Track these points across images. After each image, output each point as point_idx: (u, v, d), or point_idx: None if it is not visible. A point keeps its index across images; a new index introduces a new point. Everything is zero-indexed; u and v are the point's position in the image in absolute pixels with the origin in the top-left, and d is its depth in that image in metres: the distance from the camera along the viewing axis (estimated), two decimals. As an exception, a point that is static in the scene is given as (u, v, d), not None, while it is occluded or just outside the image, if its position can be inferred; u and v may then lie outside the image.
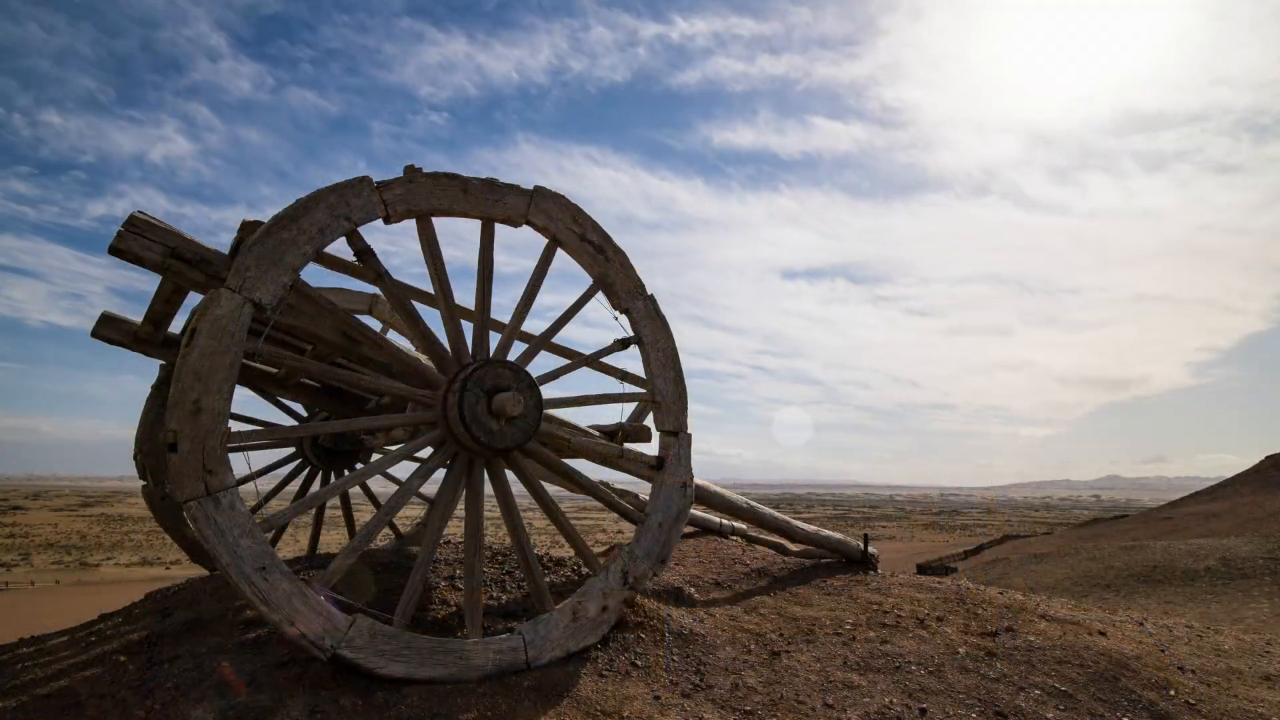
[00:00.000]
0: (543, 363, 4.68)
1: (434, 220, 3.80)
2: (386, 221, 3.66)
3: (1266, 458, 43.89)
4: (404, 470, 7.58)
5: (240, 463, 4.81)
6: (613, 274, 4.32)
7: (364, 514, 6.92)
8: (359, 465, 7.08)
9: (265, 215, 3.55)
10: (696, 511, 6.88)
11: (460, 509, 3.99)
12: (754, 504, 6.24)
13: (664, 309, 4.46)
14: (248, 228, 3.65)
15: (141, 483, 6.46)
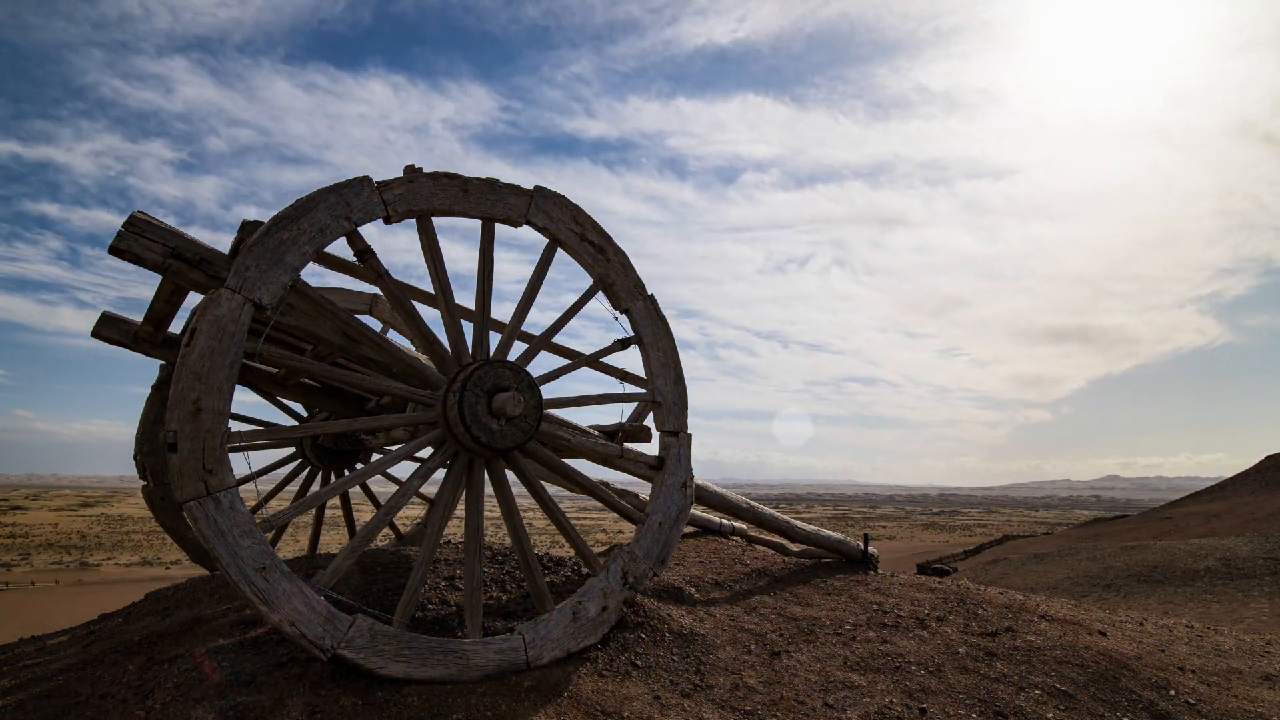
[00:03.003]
0: (543, 363, 4.68)
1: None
2: (387, 221, 3.66)
3: (1266, 458, 43.88)
4: (404, 470, 7.58)
5: (240, 463, 4.81)
6: (613, 274, 4.32)
7: (364, 514, 6.92)
8: (359, 465, 7.09)
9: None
10: (696, 511, 6.89)
11: (460, 509, 3.99)
12: (754, 504, 6.24)
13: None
14: (248, 228, 3.65)
15: (142, 483, 6.47)
